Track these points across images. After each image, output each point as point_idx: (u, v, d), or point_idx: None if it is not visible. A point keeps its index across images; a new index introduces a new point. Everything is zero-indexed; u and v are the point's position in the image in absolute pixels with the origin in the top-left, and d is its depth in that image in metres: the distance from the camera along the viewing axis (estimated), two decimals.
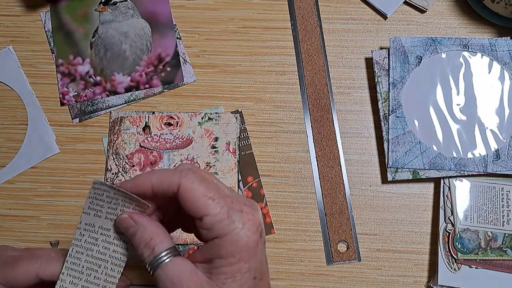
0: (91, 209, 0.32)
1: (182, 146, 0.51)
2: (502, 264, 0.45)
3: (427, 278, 0.47)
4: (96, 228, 0.33)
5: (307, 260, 0.48)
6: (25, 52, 0.55)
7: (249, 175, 0.50)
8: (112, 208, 0.32)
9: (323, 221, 0.49)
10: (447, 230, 0.47)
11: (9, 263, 0.36)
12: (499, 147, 0.47)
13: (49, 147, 0.52)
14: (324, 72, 0.53)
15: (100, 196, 0.32)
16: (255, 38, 0.54)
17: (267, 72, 0.53)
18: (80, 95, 0.53)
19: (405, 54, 0.50)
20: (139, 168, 0.50)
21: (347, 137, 0.51)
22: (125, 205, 0.32)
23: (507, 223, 0.46)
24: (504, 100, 0.48)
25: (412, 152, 0.48)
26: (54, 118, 0.53)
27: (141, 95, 0.53)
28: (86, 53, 0.54)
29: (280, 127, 0.52)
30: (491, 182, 0.47)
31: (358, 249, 0.48)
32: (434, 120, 0.49)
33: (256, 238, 0.30)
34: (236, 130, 0.51)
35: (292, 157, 0.51)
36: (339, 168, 0.50)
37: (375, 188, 0.50)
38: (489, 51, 0.49)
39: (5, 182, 0.52)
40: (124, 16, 0.55)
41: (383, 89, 0.50)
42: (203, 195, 0.30)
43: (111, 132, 0.52)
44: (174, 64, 0.54)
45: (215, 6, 0.56)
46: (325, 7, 0.55)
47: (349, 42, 0.54)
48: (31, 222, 0.50)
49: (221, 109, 0.52)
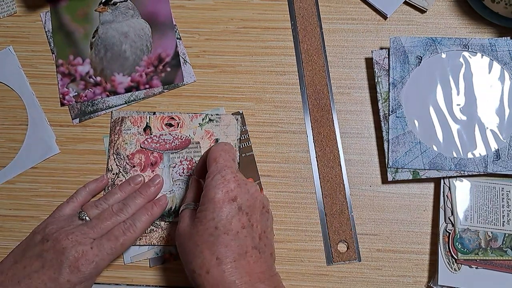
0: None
1: (181, 147, 0.51)
2: (502, 264, 0.45)
3: (427, 278, 0.47)
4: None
5: (307, 260, 0.48)
6: (25, 52, 0.55)
7: (249, 177, 0.50)
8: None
9: (323, 221, 0.49)
10: (447, 230, 0.47)
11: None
12: (499, 147, 0.47)
13: (49, 147, 0.52)
14: (324, 72, 0.53)
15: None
16: (255, 38, 0.54)
17: (267, 72, 0.53)
18: (80, 95, 0.53)
19: (405, 54, 0.50)
20: (139, 169, 0.50)
21: (347, 137, 0.51)
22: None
23: (507, 223, 0.46)
24: (504, 100, 0.48)
25: (412, 152, 0.48)
26: (54, 118, 0.53)
27: (141, 95, 0.53)
28: (86, 53, 0.54)
29: (280, 127, 0.52)
30: (491, 182, 0.47)
31: (358, 249, 0.48)
32: (434, 120, 0.49)
33: (222, 198, 0.39)
34: (236, 131, 0.51)
35: (292, 157, 0.51)
36: (339, 168, 0.50)
37: (375, 188, 0.50)
38: (489, 51, 0.49)
39: (5, 182, 0.52)
40: (124, 16, 0.55)
41: (383, 89, 0.50)
42: (213, 159, 0.41)
43: (112, 132, 0.52)
44: (174, 64, 0.54)
45: (215, 6, 0.56)
46: (325, 7, 0.55)
47: (349, 42, 0.54)
48: (31, 222, 0.50)
49: (222, 110, 0.52)
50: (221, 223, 0.38)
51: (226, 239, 0.38)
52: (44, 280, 0.41)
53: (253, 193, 0.41)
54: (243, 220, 0.39)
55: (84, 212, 0.46)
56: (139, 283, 0.48)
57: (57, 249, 0.42)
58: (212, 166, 0.41)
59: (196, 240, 0.39)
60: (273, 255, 0.42)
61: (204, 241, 0.38)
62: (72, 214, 0.47)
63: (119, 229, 0.44)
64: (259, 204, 0.41)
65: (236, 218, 0.39)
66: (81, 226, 0.44)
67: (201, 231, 0.39)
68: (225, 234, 0.38)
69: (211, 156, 0.42)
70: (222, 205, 0.39)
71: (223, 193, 0.39)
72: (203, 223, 0.39)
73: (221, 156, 0.41)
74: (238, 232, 0.39)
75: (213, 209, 0.39)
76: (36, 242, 0.44)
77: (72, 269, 0.41)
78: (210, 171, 0.41)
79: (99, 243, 0.43)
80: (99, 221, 0.45)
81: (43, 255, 0.42)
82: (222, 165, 0.41)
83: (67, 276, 0.41)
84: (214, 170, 0.40)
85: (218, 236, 0.38)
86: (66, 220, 0.45)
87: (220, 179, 0.40)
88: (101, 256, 0.42)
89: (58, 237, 0.42)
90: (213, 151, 0.42)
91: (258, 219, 0.41)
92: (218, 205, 0.39)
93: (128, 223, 0.45)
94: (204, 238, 0.38)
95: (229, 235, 0.38)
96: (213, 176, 0.40)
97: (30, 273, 0.41)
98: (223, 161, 0.41)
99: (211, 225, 0.38)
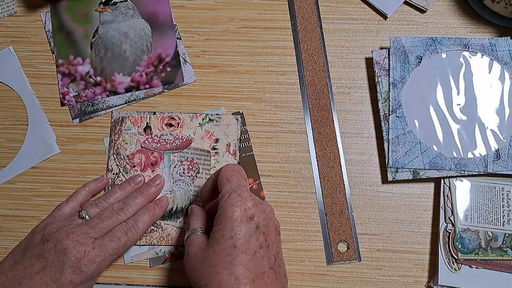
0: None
1: (182, 147, 0.51)
2: (503, 264, 0.45)
3: (427, 278, 0.47)
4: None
5: (307, 260, 0.48)
6: (25, 52, 0.55)
7: (249, 177, 0.50)
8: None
9: (323, 221, 0.49)
10: (448, 230, 0.47)
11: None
12: (500, 147, 0.47)
13: (50, 147, 0.52)
14: (324, 72, 0.53)
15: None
16: (255, 38, 0.54)
17: (267, 72, 0.53)
18: (80, 95, 0.53)
19: (405, 54, 0.50)
20: (139, 169, 0.50)
21: (347, 137, 0.51)
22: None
23: (508, 223, 0.46)
24: (504, 100, 0.48)
25: (412, 152, 0.48)
26: (54, 118, 0.53)
27: (141, 95, 0.53)
28: (86, 53, 0.54)
29: (280, 127, 0.52)
30: (492, 182, 0.47)
31: (358, 249, 0.48)
32: (434, 120, 0.49)
33: (240, 216, 0.37)
34: (236, 131, 0.51)
35: (292, 157, 0.51)
36: (339, 168, 0.50)
37: (375, 188, 0.50)
38: (489, 51, 0.49)
39: (5, 182, 0.52)
40: (124, 16, 0.55)
41: (383, 89, 0.50)
42: (226, 178, 0.40)
43: (112, 132, 0.52)
44: (174, 64, 0.54)
45: (215, 6, 0.56)
46: (325, 7, 0.55)
47: (349, 42, 0.54)
48: (31, 222, 0.50)
49: (222, 110, 0.52)
50: (239, 242, 0.37)
51: (244, 259, 0.36)
52: (46, 281, 0.41)
53: (268, 213, 0.40)
54: (260, 239, 0.38)
55: (84, 211, 0.46)
56: (139, 283, 0.48)
57: (58, 250, 0.42)
58: (226, 186, 0.40)
59: (212, 261, 0.37)
60: (286, 277, 0.41)
61: (221, 261, 0.36)
62: (71, 213, 0.47)
63: (121, 229, 0.44)
64: (273, 224, 0.40)
65: (254, 237, 0.37)
66: (82, 225, 0.44)
67: (217, 251, 0.37)
68: (243, 253, 0.37)
69: (224, 176, 0.41)
70: (241, 224, 0.37)
71: (241, 211, 0.38)
72: (220, 242, 0.37)
73: (234, 176, 0.40)
74: (256, 252, 0.37)
75: (231, 228, 0.37)
76: (36, 242, 0.44)
77: (74, 270, 0.41)
78: (225, 190, 0.40)
79: (101, 244, 0.43)
80: (99, 220, 0.44)
81: (44, 255, 0.42)
82: (237, 184, 0.40)
83: (69, 277, 0.41)
84: (229, 189, 0.39)
85: (236, 255, 0.36)
86: (66, 219, 0.45)
87: (236, 197, 0.38)
88: (103, 256, 0.42)
89: (58, 237, 0.42)
90: (225, 172, 0.41)
91: (273, 240, 0.39)
92: (236, 223, 0.37)
93: (130, 223, 0.45)
94: (221, 258, 0.37)
95: (247, 254, 0.37)
96: (229, 194, 0.39)
97: (31, 274, 0.41)
98: (237, 180, 0.40)
99: (229, 244, 0.37)
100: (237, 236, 0.37)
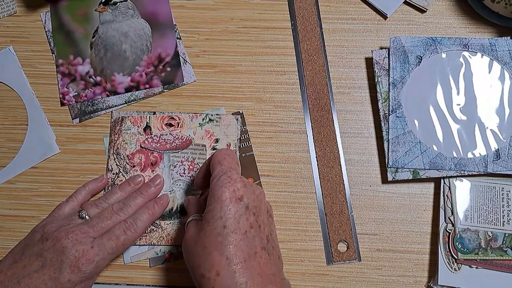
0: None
1: (182, 147, 0.51)
2: (503, 264, 0.45)
3: (427, 278, 0.47)
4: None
5: (307, 260, 0.48)
6: (25, 52, 0.55)
7: (249, 177, 0.50)
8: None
9: (323, 221, 0.49)
10: (447, 230, 0.47)
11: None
12: (499, 147, 0.47)
13: (49, 147, 0.52)
14: (324, 72, 0.53)
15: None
16: (255, 38, 0.54)
17: (267, 72, 0.53)
18: (80, 95, 0.53)
19: (405, 54, 0.50)
20: (139, 169, 0.50)
21: (347, 137, 0.51)
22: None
23: (507, 223, 0.46)
24: (504, 100, 0.48)
25: (412, 152, 0.48)
26: (54, 118, 0.53)
27: (141, 95, 0.53)
28: (86, 53, 0.54)
29: (280, 127, 0.52)
30: (491, 182, 0.47)
31: (358, 249, 0.48)
32: (434, 120, 0.49)
33: (229, 196, 0.38)
34: (236, 131, 0.51)
35: (292, 157, 0.51)
36: (339, 168, 0.50)
37: (375, 188, 0.50)
38: (489, 51, 0.49)
39: (5, 182, 0.52)
40: (124, 16, 0.55)
41: (383, 89, 0.50)
42: (218, 161, 0.41)
43: (112, 132, 0.52)
44: (174, 64, 0.54)
45: (215, 6, 0.56)
46: (325, 7, 0.55)
47: (349, 42, 0.54)
48: (31, 222, 0.50)
49: (222, 110, 0.52)
50: (229, 222, 0.37)
51: (235, 238, 0.37)
52: (45, 279, 0.41)
53: (258, 195, 0.40)
54: (251, 219, 0.38)
55: (84, 211, 0.46)
56: (139, 283, 0.48)
57: (57, 248, 0.42)
58: (217, 169, 0.41)
59: (204, 242, 0.38)
60: (281, 259, 0.41)
61: (212, 241, 0.37)
62: (71, 213, 0.47)
63: (120, 228, 0.44)
64: (264, 207, 0.41)
65: (244, 217, 0.38)
66: (81, 225, 0.44)
67: (208, 232, 0.38)
68: (233, 233, 0.37)
69: (216, 159, 0.42)
70: (230, 204, 0.38)
71: (230, 192, 0.38)
72: (211, 223, 0.38)
73: (226, 160, 0.41)
74: (247, 232, 0.38)
75: (220, 208, 0.38)
76: (36, 241, 0.44)
77: (72, 269, 0.41)
78: (216, 173, 0.40)
79: (100, 243, 0.43)
80: (99, 220, 0.45)
81: (43, 254, 0.42)
82: (227, 167, 0.41)
83: (68, 276, 0.41)
84: (220, 171, 0.40)
85: (226, 235, 0.37)
86: (66, 219, 0.45)
87: (226, 179, 0.39)
88: (101, 255, 0.42)
89: (58, 236, 0.42)
90: (217, 155, 0.42)
91: (265, 222, 0.40)
92: (225, 204, 0.38)
93: (129, 222, 0.45)
94: (212, 239, 0.37)
95: (238, 234, 0.37)
96: (219, 177, 0.40)
97: (30, 272, 0.41)
98: (228, 164, 0.41)
99: (219, 224, 0.37)
100: (227, 216, 0.38)
